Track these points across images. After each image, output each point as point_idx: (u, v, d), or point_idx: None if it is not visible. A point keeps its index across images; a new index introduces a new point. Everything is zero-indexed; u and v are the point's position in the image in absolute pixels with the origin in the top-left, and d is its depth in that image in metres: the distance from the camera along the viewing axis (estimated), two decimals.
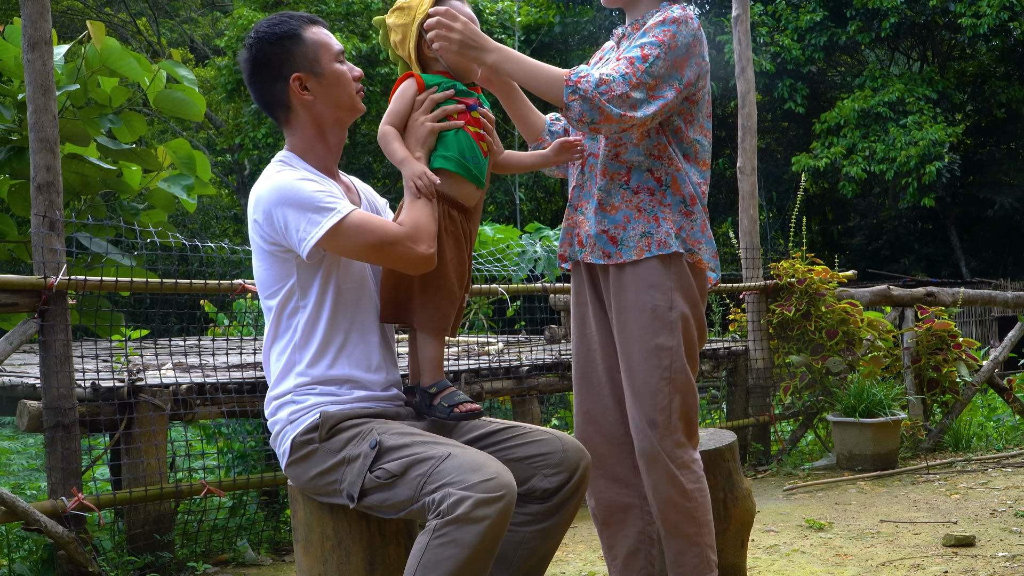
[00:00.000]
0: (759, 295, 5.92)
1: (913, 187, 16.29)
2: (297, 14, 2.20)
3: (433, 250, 2.10)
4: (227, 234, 19.58)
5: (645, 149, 2.47)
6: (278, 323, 2.15)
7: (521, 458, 2.15)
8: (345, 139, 2.28)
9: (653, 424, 2.44)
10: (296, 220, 2.04)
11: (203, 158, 4.92)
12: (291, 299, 2.13)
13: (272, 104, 2.19)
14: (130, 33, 18.03)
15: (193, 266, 4.26)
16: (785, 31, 17.68)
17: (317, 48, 2.16)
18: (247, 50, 2.17)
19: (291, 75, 2.14)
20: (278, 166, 2.16)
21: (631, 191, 2.48)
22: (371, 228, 2.06)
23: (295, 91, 2.14)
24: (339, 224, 2.03)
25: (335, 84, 2.17)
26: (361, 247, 2.07)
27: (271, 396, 2.17)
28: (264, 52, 2.15)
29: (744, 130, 6.05)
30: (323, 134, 2.20)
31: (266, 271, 2.14)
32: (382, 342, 2.22)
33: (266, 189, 2.10)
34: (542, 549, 2.21)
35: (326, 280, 2.14)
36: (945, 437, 5.92)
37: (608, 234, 2.49)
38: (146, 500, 3.56)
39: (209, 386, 3.83)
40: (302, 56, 2.14)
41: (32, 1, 3.39)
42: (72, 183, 4.32)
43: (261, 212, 2.09)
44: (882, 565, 3.40)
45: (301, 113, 2.18)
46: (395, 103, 2.20)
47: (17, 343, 3.34)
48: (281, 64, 2.14)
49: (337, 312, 2.14)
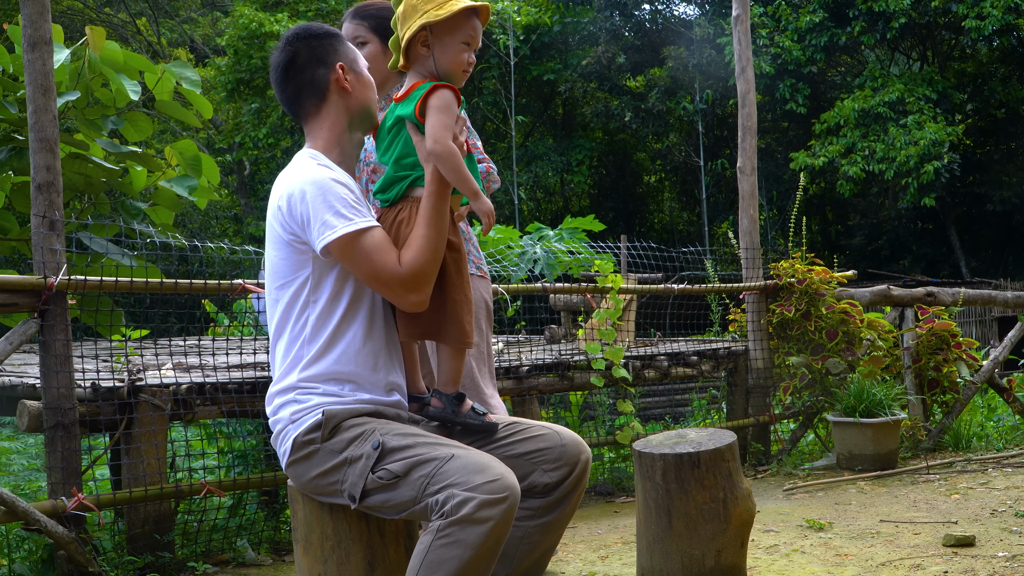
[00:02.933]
0: (759, 295, 5.92)
1: (913, 187, 16.29)
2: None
3: (424, 297, 2.12)
4: (227, 234, 19.59)
5: None
6: (287, 316, 2.16)
7: (521, 454, 2.18)
8: (361, 149, 2.35)
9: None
10: (316, 217, 2.06)
11: (211, 161, 4.90)
12: (303, 291, 2.14)
13: (307, 92, 2.23)
14: (130, 33, 18.03)
15: (193, 266, 4.26)
16: (786, 32, 17.68)
17: (355, 53, 2.32)
18: (287, 42, 2.26)
19: (336, 63, 2.23)
20: (309, 161, 2.17)
21: None
22: (374, 259, 2.08)
23: (339, 77, 2.22)
24: (351, 237, 2.06)
25: (368, 86, 2.29)
26: (359, 270, 2.10)
27: (274, 391, 2.17)
28: (309, 44, 2.25)
29: (744, 130, 6.05)
30: (347, 132, 2.26)
31: (282, 260, 2.15)
32: (389, 344, 2.23)
33: (297, 179, 2.12)
34: (544, 544, 2.23)
35: (341, 277, 2.14)
36: (945, 437, 5.92)
37: None
38: (146, 500, 3.56)
39: (209, 386, 3.83)
40: (344, 53, 2.28)
41: (32, 1, 3.39)
42: (75, 182, 4.31)
43: (286, 201, 2.11)
44: (882, 565, 3.40)
45: (335, 102, 2.23)
46: (447, 117, 2.14)
47: (17, 343, 3.34)
48: (327, 53, 2.25)
49: (349, 310, 2.15)
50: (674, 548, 2.90)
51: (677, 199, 24.16)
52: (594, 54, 19.74)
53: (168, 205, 4.75)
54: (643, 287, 5.79)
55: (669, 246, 7.15)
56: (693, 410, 7.14)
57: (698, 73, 18.82)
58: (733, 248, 6.57)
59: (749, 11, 6.11)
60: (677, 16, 21.82)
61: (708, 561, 2.88)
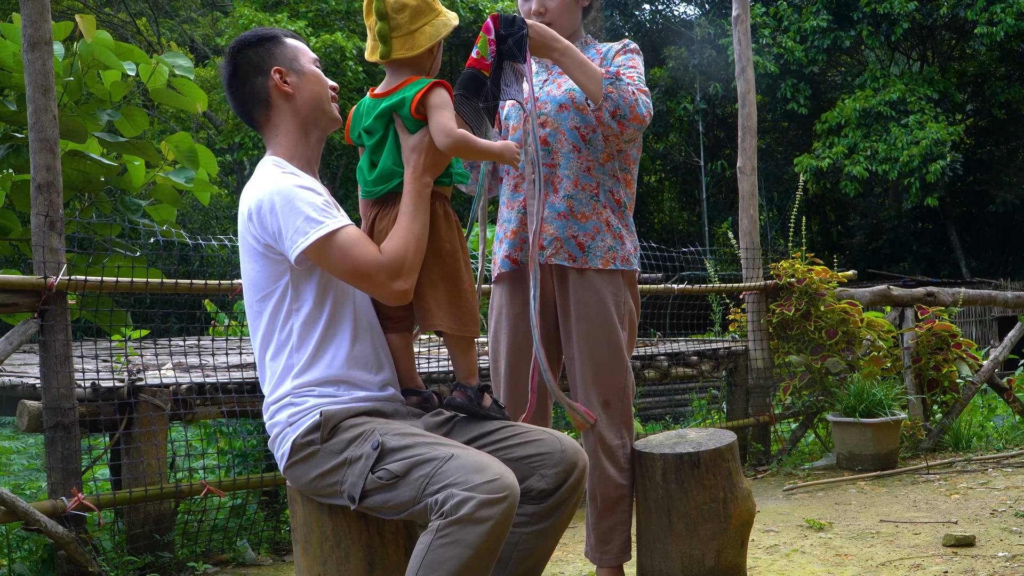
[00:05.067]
0: (759, 295, 5.92)
1: (916, 186, 16.27)
2: (277, 29, 2.31)
3: (408, 286, 2.10)
4: (227, 234, 19.59)
5: (609, 170, 2.84)
6: (271, 327, 2.14)
7: (519, 458, 2.15)
8: (323, 145, 2.30)
9: (607, 404, 2.84)
10: (287, 225, 2.04)
11: (207, 152, 4.87)
12: (285, 301, 2.12)
13: (252, 103, 2.21)
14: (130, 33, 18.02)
15: (194, 265, 4.26)
16: (788, 32, 17.67)
17: (296, 50, 2.25)
18: (228, 56, 2.23)
19: (272, 68, 2.19)
20: (273, 169, 2.15)
21: (601, 204, 2.83)
22: (352, 253, 2.06)
23: (276, 83, 2.19)
24: (326, 239, 2.04)
25: (313, 82, 2.23)
26: (340, 268, 2.07)
27: (269, 401, 2.16)
28: (245, 54, 2.22)
29: (744, 130, 6.05)
30: (304, 134, 2.23)
31: (259, 272, 2.14)
32: (377, 342, 2.23)
33: (264, 190, 2.09)
34: (539, 551, 2.21)
35: (321, 282, 2.13)
36: (945, 437, 5.92)
37: (577, 240, 2.81)
38: (146, 500, 3.56)
39: (209, 386, 3.83)
40: (282, 54, 2.23)
41: (32, 1, 3.39)
42: (74, 180, 4.30)
43: (256, 212, 2.09)
44: (882, 565, 3.40)
45: (281, 107, 2.20)
46: (451, 111, 2.18)
47: (17, 343, 3.34)
48: (262, 61, 2.21)
49: (334, 313, 2.14)
50: (674, 548, 2.90)
51: (677, 199, 24.15)
52: None
53: (169, 200, 4.72)
54: (643, 287, 5.79)
55: (669, 246, 7.15)
56: (693, 410, 7.14)
57: (698, 73, 18.82)
58: (733, 248, 6.57)
59: (749, 11, 6.11)
60: (677, 16, 21.83)
61: (708, 561, 2.88)
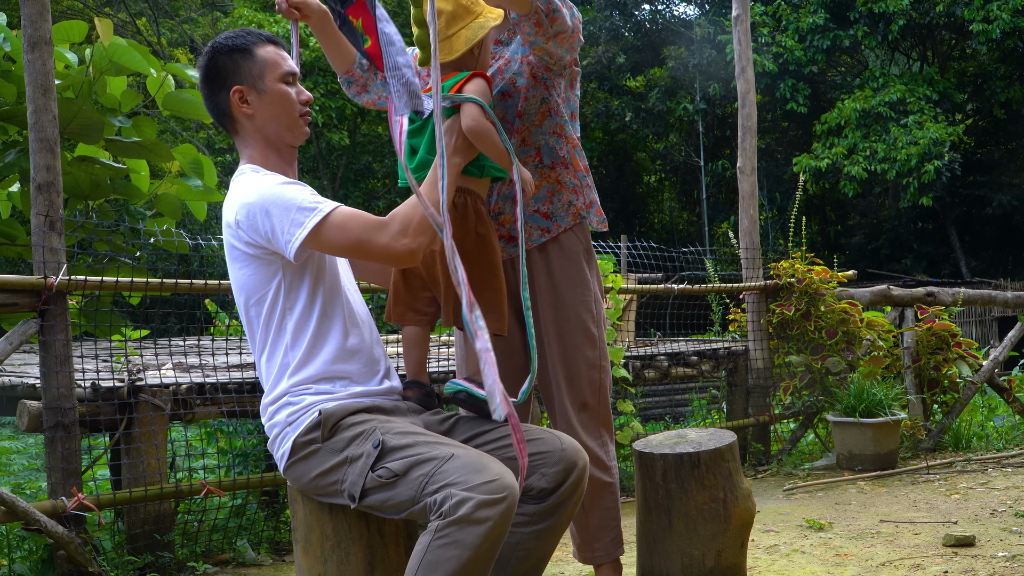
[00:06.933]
0: (759, 295, 5.92)
1: (914, 186, 16.28)
2: (257, 31, 2.23)
3: (416, 246, 2.07)
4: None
5: (548, 128, 2.67)
6: (267, 329, 2.14)
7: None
8: (296, 153, 2.29)
9: (583, 407, 2.70)
10: (281, 222, 2.04)
11: (209, 163, 4.91)
12: (278, 301, 2.12)
13: (218, 114, 2.21)
14: (130, 33, 18.03)
15: (193, 265, 4.26)
16: (787, 32, 17.68)
17: (264, 65, 2.17)
18: (203, 59, 2.21)
19: (232, 88, 2.15)
20: (252, 174, 2.15)
21: (546, 167, 2.69)
22: (353, 224, 2.04)
23: (235, 103, 2.16)
24: (323, 222, 2.03)
25: (275, 102, 2.17)
26: (344, 245, 2.06)
27: (267, 402, 2.16)
28: (215, 62, 2.18)
29: (744, 130, 6.05)
30: (273, 148, 2.21)
31: (250, 275, 2.13)
32: (372, 337, 2.23)
33: (248, 193, 2.08)
34: (539, 551, 2.21)
35: (313, 279, 2.14)
36: (945, 437, 5.92)
37: (539, 211, 2.69)
38: (146, 500, 3.56)
39: (209, 386, 3.83)
40: (247, 71, 2.16)
41: (32, 1, 3.38)
42: (82, 185, 4.31)
43: (244, 216, 2.08)
44: (882, 565, 3.40)
45: (245, 125, 2.19)
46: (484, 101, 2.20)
47: (17, 343, 3.34)
48: (227, 75, 2.16)
49: (327, 309, 2.15)
50: (674, 548, 2.90)
51: (677, 199, 24.16)
52: (594, 54, 19.74)
53: (170, 212, 4.79)
54: (643, 287, 5.79)
55: (669, 246, 7.15)
56: (693, 410, 7.14)
57: (698, 73, 18.82)
58: (733, 248, 6.57)
59: (749, 11, 6.11)
60: (677, 16, 21.83)
61: (708, 561, 2.88)
